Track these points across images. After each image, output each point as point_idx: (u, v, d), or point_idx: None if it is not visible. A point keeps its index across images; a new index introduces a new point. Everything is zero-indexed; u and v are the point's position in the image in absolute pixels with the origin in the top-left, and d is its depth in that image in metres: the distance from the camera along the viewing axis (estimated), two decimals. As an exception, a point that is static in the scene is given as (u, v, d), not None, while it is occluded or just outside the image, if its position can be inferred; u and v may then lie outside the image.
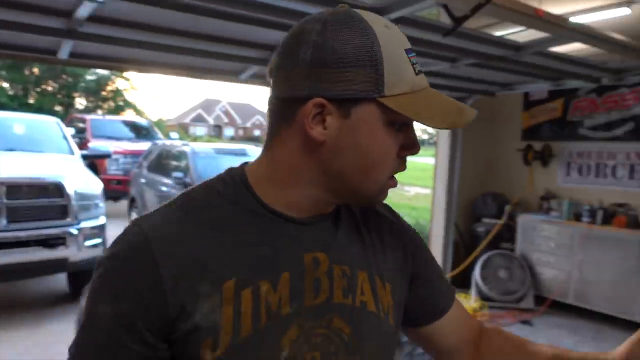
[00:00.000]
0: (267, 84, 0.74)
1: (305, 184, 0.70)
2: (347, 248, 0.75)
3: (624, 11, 3.22)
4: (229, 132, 44.47)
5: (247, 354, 0.62)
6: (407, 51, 0.67)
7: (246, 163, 0.76)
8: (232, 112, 47.13)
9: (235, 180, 0.72)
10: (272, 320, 0.65)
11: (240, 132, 45.30)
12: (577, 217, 4.90)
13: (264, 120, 40.03)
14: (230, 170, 0.74)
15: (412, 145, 0.71)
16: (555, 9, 4.00)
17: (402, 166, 0.72)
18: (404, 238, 0.84)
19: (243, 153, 6.60)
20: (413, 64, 0.67)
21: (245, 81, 3.89)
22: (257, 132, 43.95)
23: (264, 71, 1.83)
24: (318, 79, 0.64)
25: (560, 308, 4.85)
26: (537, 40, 3.21)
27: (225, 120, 46.41)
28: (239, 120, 46.77)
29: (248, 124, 46.68)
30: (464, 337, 0.88)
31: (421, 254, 0.86)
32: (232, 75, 3.81)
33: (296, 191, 0.70)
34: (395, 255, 0.82)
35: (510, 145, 5.77)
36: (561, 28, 2.82)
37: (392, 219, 0.86)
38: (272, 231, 0.69)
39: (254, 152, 6.57)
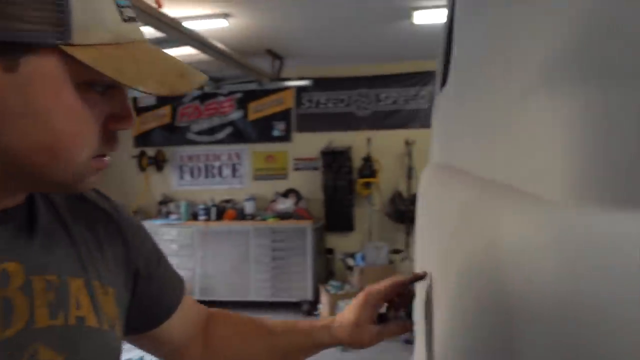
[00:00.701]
0: None
1: None
2: (50, 251, 0.56)
3: (222, 23, 3.56)
4: None
5: None
6: None
7: None
8: None
9: None
10: None
11: None
12: (195, 217, 5.20)
13: None
14: None
15: (123, 116, 0.53)
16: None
17: (111, 142, 0.53)
18: (124, 229, 0.68)
19: None
20: (121, 7, 0.49)
21: None
22: None
23: None
24: None
25: (190, 305, 5.04)
26: (153, 41, 3.17)
27: None
28: None
29: None
30: (191, 331, 0.80)
31: (147, 245, 0.71)
32: None
33: None
34: (115, 251, 0.66)
35: (124, 152, 5.59)
36: (177, 31, 2.87)
37: (106, 206, 0.67)
38: None
39: None
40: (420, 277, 0.81)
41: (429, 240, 0.90)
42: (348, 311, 0.82)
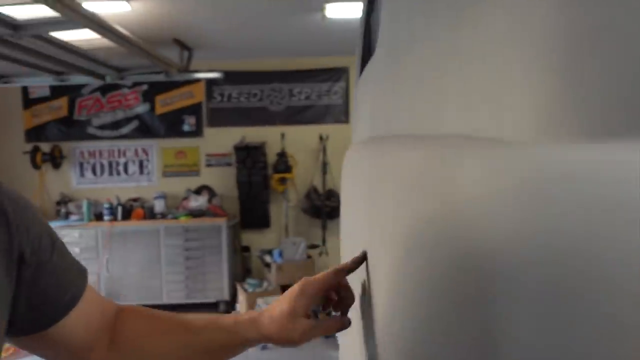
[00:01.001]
0: None
1: None
2: None
3: (124, 6, 3.31)
4: None
5: None
6: None
7: None
8: None
9: None
10: None
11: None
12: (99, 217, 4.83)
13: None
14: None
15: None
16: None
17: None
18: (9, 211, 0.57)
19: None
20: None
21: None
22: None
23: None
24: None
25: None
26: (43, 20, 2.85)
27: None
28: None
29: None
30: (94, 330, 0.68)
31: (36, 230, 0.60)
32: None
33: None
34: None
35: (14, 147, 5.05)
36: (75, 12, 2.60)
37: None
38: None
39: None
40: (362, 259, 0.74)
41: (361, 223, 0.85)
42: (280, 302, 0.72)
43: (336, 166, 5.22)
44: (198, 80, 5.21)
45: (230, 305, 4.72)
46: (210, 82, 5.30)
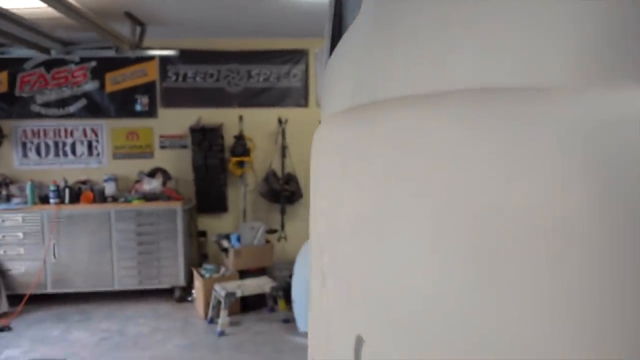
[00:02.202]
0: None
1: None
2: None
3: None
4: None
5: None
6: None
7: None
8: None
9: None
10: None
11: None
12: (44, 200, 4.56)
13: None
14: None
15: None
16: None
17: None
18: None
19: None
20: None
21: None
22: None
23: None
24: None
25: (41, 301, 4.45)
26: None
27: None
28: None
29: None
30: None
31: None
32: None
33: None
34: None
35: (-53, 125, 4.69)
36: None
37: None
38: None
39: None
40: None
41: (343, 201, 0.79)
42: None
43: (295, 150, 5.14)
44: (151, 57, 4.98)
45: (187, 291, 4.59)
46: (164, 61, 5.08)
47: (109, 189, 4.72)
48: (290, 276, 4.09)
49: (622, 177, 0.24)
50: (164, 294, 4.61)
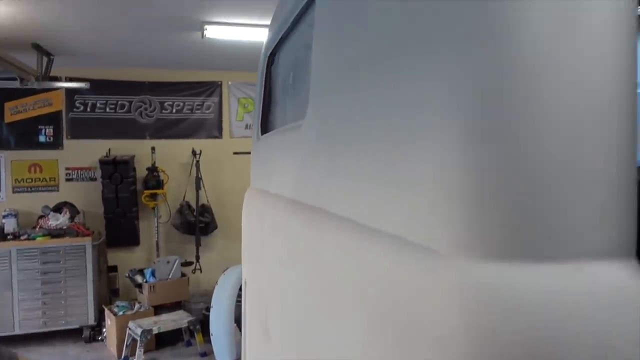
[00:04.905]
0: None
1: None
2: None
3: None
4: None
5: None
6: None
7: None
8: None
9: None
10: None
11: None
12: None
13: None
14: None
15: None
16: None
17: None
18: None
19: None
20: None
21: None
22: None
23: None
24: None
25: None
26: None
27: None
28: None
29: None
30: None
31: None
32: None
33: None
34: None
35: None
36: None
37: None
38: None
39: None
40: None
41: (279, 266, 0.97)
42: None
43: (210, 181, 5.21)
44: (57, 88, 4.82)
45: (97, 330, 4.43)
46: (71, 90, 4.93)
47: (9, 225, 4.46)
48: (207, 309, 4.12)
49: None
50: (71, 334, 4.41)
